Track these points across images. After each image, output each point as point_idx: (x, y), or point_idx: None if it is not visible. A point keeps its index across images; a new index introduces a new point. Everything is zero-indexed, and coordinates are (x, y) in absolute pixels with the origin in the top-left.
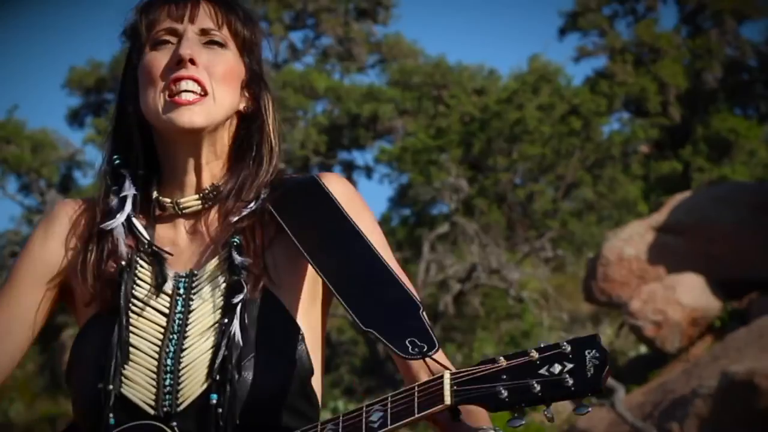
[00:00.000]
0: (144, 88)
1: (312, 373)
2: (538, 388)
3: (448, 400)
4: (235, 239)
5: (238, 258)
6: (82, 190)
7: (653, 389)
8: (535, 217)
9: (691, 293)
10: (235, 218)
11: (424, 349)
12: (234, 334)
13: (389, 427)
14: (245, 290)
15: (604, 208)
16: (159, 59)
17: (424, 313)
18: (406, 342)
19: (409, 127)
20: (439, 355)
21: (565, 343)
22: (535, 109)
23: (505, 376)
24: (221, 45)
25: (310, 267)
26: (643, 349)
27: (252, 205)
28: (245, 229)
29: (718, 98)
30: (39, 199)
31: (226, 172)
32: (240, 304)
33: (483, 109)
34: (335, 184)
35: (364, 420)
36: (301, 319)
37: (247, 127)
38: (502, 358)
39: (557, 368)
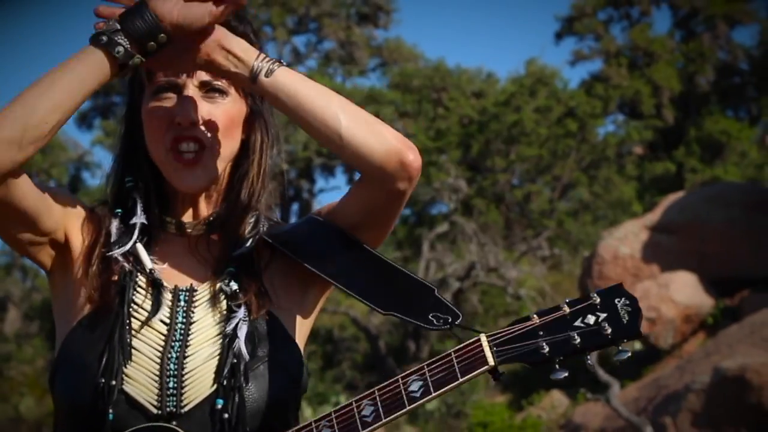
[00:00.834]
0: (149, 137)
1: (306, 389)
2: (578, 339)
3: (491, 361)
4: (231, 268)
5: (234, 285)
6: (89, 190)
7: (647, 384)
8: (533, 217)
9: (684, 291)
10: (237, 252)
11: (449, 320)
12: (240, 345)
13: (433, 394)
14: (240, 314)
15: (600, 208)
16: (160, 114)
17: (439, 293)
18: (430, 317)
19: (409, 129)
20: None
21: (594, 295)
22: (532, 112)
23: (542, 332)
24: (221, 92)
25: (302, 284)
26: (637, 345)
27: (250, 241)
28: (243, 255)
29: (710, 101)
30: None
31: (223, 200)
32: (241, 325)
33: (481, 111)
34: (324, 205)
35: (403, 391)
36: (297, 335)
37: (242, 157)
38: (534, 315)
39: (591, 319)
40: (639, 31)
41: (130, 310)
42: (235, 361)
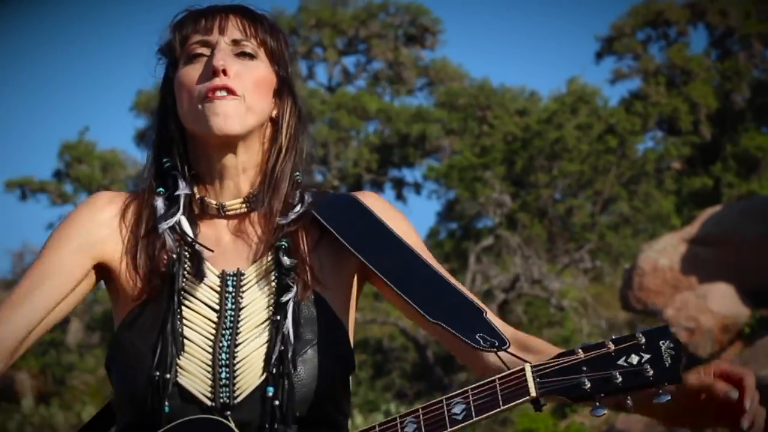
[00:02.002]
0: (181, 99)
1: (354, 368)
2: (619, 378)
3: (533, 392)
4: (283, 242)
5: (286, 260)
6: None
7: None
8: (575, 230)
9: (721, 301)
10: (284, 221)
11: (496, 344)
12: (288, 330)
13: (474, 419)
14: (295, 290)
15: (640, 221)
16: (194, 71)
17: (488, 316)
18: (477, 336)
19: (455, 146)
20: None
21: (639, 335)
22: (574, 129)
23: (585, 368)
24: (251, 56)
25: (347, 270)
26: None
27: (297, 209)
28: (291, 232)
29: (746, 117)
30: None
31: (262, 176)
32: (291, 303)
33: (525, 128)
34: (370, 198)
35: (446, 413)
36: (342, 318)
37: (277, 132)
38: (579, 350)
39: (635, 359)
40: (676, 50)
41: (180, 298)
42: (283, 347)
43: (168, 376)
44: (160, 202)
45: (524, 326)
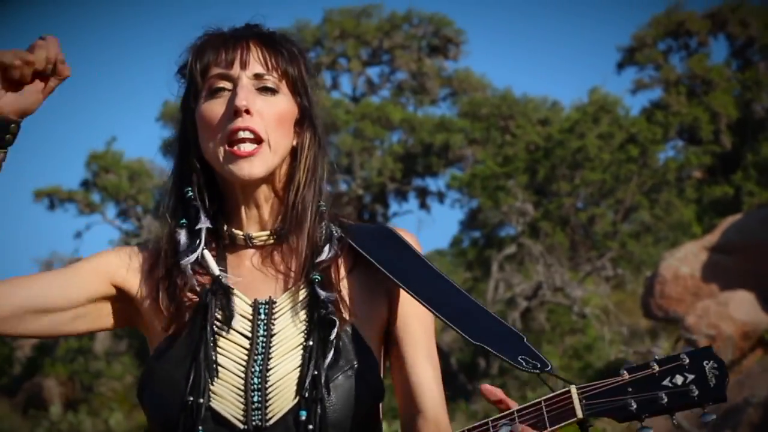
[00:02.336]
0: (204, 137)
1: (383, 396)
2: (665, 399)
3: (579, 413)
4: (317, 275)
5: (323, 293)
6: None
7: None
8: (596, 239)
9: (742, 309)
10: (319, 259)
11: (538, 366)
12: (323, 356)
13: None
14: (338, 323)
15: (661, 229)
16: (216, 109)
17: (528, 341)
18: (519, 358)
19: (478, 156)
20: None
21: (683, 356)
22: (596, 138)
23: (630, 389)
24: (273, 91)
25: (379, 301)
26: None
27: (327, 248)
28: (325, 267)
29: (766, 127)
30: (136, 223)
31: (285, 207)
32: (334, 333)
33: (547, 138)
34: (407, 234)
35: None
36: (372, 346)
37: (297, 161)
38: (625, 371)
39: (680, 379)
40: (697, 60)
41: (214, 326)
42: (316, 372)
43: (201, 400)
44: (183, 236)
45: (547, 333)
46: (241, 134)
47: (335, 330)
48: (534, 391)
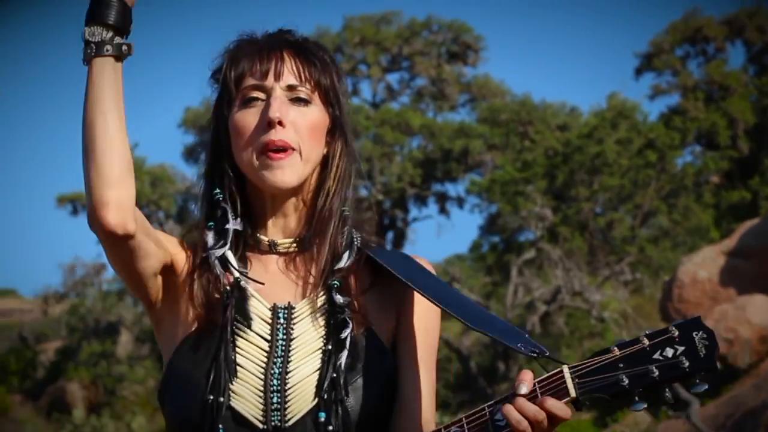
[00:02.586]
0: (237, 146)
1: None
2: (656, 372)
3: (573, 392)
4: (335, 281)
5: (340, 298)
6: (197, 220)
7: (726, 402)
8: (615, 243)
9: (760, 313)
10: (338, 266)
11: (536, 352)
12: (341, 358)
13: None
14: (351, 326)
15: (679, 234)
16: (249, 119)
17: (530, 336)
18: (518, 345)
19: (497, 161)
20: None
21: (672, 328)
22: (614, 144)
23: (622, 365)
24: (306, 102)
25: (393, 315)
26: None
27: (348, 254)
28: (344, 274)
29: None
30: (158, 229)
31: (311, 215)
32: (349, 337)
33: (565, 143)
34: (422, 260)
35: (489, 419)
36: (391, 349)
37: (327, 170)
38: (615, 347)
39: (670, 352)
40: (715, 66)
41: (233, 328)
42: (335, 375)
43: (222, 399)
44: (210, 236)
45: (565, 337)
46: (275, 147)
47: (347, 330)
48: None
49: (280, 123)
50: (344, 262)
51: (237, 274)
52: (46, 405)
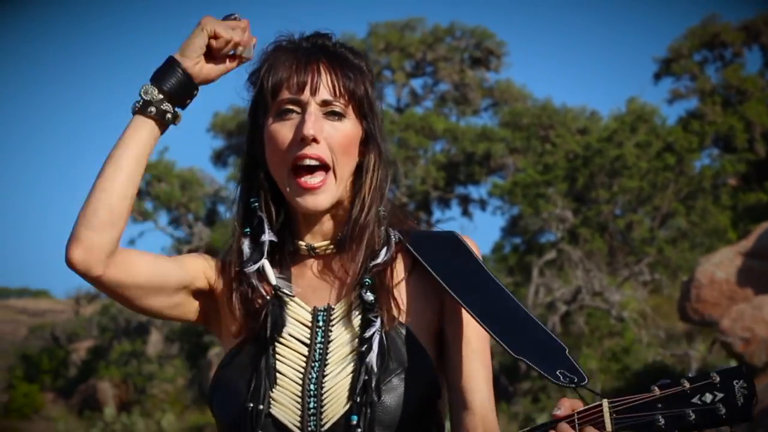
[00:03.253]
0: (271, 158)
1: (440, 396)
2: (693, 416)
3: (609, 426)
4: (367, 279)
5: (369, 296)
6: (226, 222)
7: None
8: (634, 245)
9: None
10: (373, 263)
11: (575, 380)
12: (372, 361)
13: None
14: (377, 325)
15: (697, 235)
16: (284, 132)
17: (569, 354)
18: (557, 372)
19: (519, 164)
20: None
21: (714, 374)
22: (633, 147)
23: (660, 405)
24: (340, 115)
25: (434, 305)
26: (733, 363)
27: (384, 251)
28: (379, 270)
29: None
30: (187, 231)
31: (347, 219)
32: (376, 336)
33: (586, 147)
34: (469, 240)
35: None
36: (427, 347)
37: (359, 178)
38: (656, 387)
39: (709, 397)
40: (732, 71)
41: (274, 335)
42: (367, 377)
43: (261, 407)
44: (246, 245)
45: (586, 337)
46: (308, 161)
47: (372, 330)
48: (573, 392)
49: (315, 140)
50: (381, 258)
51: (275, 283)
52: (77, 403)
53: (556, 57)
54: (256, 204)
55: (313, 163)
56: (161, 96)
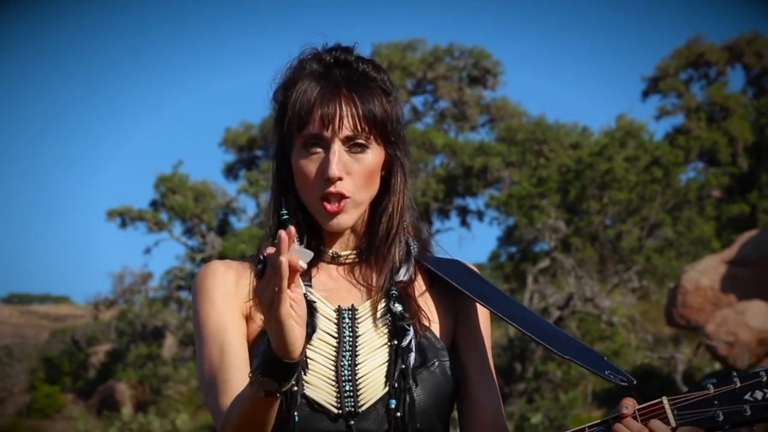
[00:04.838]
0: (300, 187)
1: (459, 392)
2: (749, 411)
3: (672, 422)
4: (394, 290)
5: (398, 307)
6: (237, 232)
7: None
8: (623, 253)
9: (758, 317)
10: (398, 278)
11: (624, 380)
12: (410, 350)
13: None
14: (412, 333)
15: (683, 244)
16: (310, 167)
17: (608, 359)
18: (606, 372)
19: (514, 177)
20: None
21: (762, 372)
22: (623, 161)
23: (717, 402)
24: (363, 147)
25: (449, 314)
26: (717, 365)
27: (407, 266)
28: (401, 282)
29: None
30: (200, 240)
31: (368, 231)
32: (410, 332)
33: (578, 161)
34: (475, 268)
35: None
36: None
37: (383, 193)
38: (710, 385)
39: (759, 394)
40: (716, 89)
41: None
42: (404, 366)
43: (296, 388)
44: None
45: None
46: (332, 199)
47: (409, 338)
48: (566, 393)
49: (339, 178)
50: (402, 275)
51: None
52: (96, 403)
53: (550, 75)
54: (286, 216)
55: (337, 197)
56: (274, 386)
